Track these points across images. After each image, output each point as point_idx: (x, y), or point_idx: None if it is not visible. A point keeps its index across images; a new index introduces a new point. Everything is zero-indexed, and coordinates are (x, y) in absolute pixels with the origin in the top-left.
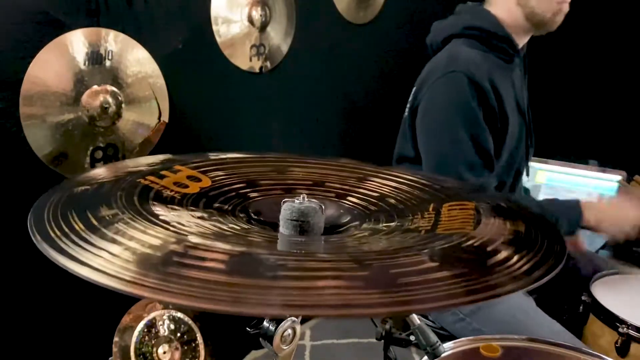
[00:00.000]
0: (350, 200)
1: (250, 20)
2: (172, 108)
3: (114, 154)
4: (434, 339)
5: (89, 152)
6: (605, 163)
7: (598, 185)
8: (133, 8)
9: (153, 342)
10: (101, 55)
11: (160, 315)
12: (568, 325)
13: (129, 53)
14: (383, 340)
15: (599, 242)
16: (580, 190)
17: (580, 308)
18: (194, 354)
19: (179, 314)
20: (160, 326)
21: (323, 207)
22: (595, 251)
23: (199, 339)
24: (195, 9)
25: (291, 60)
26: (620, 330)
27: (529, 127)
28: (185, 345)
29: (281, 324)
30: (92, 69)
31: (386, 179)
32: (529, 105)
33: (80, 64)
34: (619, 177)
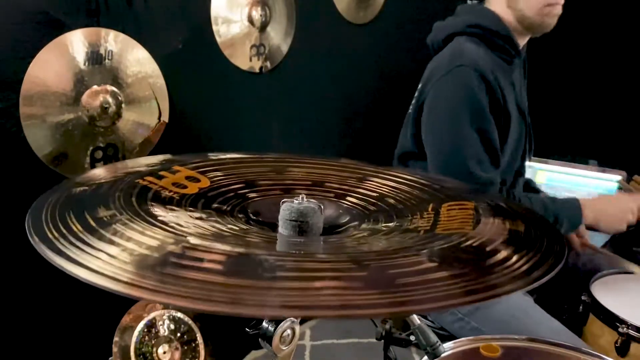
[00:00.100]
0: (350, 200)
1: (250, 20)
2: (172, 108)
3: (114, 154)
4: (434, 339)
5: (89, 152)
6: (605, 163)
7: (598, 185)
8: (133, 8)
9: (153, 342)
10: (101, 55)
11: (160, 315)
12: (568, 325)
13: (129, 53)
14: (383, 340)
15: (600, 240)
16: (580, 190)
17: (580, 308)
18: (194, 354)
19: (179, 314)
20: (160, 326)
21: (322, 208)
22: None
23: (199, 339)
24: (195, 9)
25: (291, 60)
26: (620, 330)
27: (528, 130)
28: (185, 345)
29: (280, 325)
30: (92, 69)
31: (386, 179)
32: (528, 108)
33: (80, 64)
34: (618, 177)
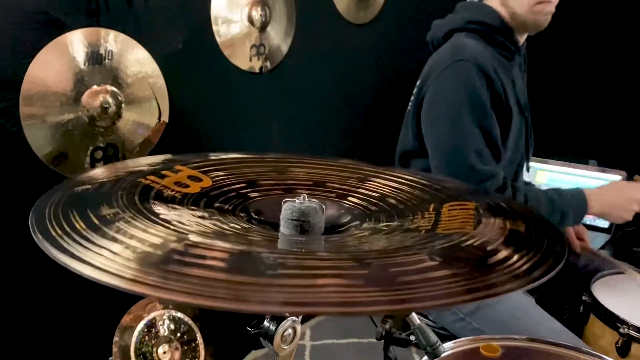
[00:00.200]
0: (351, 200)
1: (250, 20)
2: (172, 108)
3: (114, 154)
4: (434, 339)
5: (89, 152)
6: (605, 163)
7: (598, 185)
8: (133, 8)
9: (153, 342)
10: (101, 55)
11: (160, 315)
12: (568, 325)
13: (129, 53)
14: (383, 340)
15: (599, 242)
16: None
17: (581, 308)
18: (194, 354)
19: (179, 314)
20: (160, 326)
21: (324, 207)
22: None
23: (199, 339)
24: (195, 9)
25: (291, 60)
26: (621, 330)
27: (528, 127)
28: (185, 345)
29: (282, 324)
30: (92, 69)
31: (387, 180)
32: (528, 105)
33: (80, 64)
34: (619, 177)
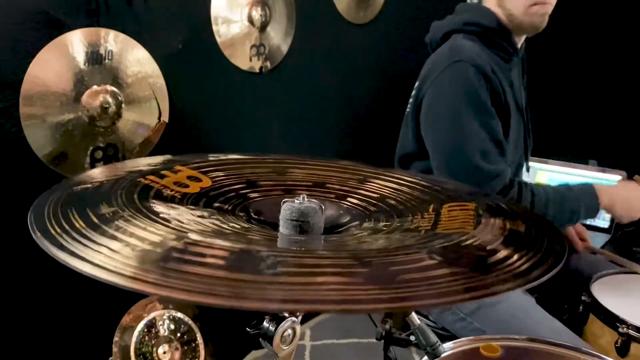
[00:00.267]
0: (351, 201)
1: (250, 20)
2: (172, 108)
3: (114, 154)
4: (434, 339)
5: (89, 152)
6: (605, 163)
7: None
8: (133, 8)
9: (153, 342)
10: (101, 55)
11: (160, 315)
12: (568, 325)
13: (129, 53)
14: (383, 340)
15: (599, 242)
16: None
17: (580, 308)
18: (194, 354)
19: (179, 314)
20: (160, 326)
21: (323, 207)
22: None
23: (199, 339)
24: (195, 9)
25: (291, 60)
26: (620, 330)
27: (527, 128)
28: (185, 345)
29: (281, 324)
30: (92, 69)
31: (387, 181)
32: (527, 107)
33: (80, 64)
34: (618, 177)
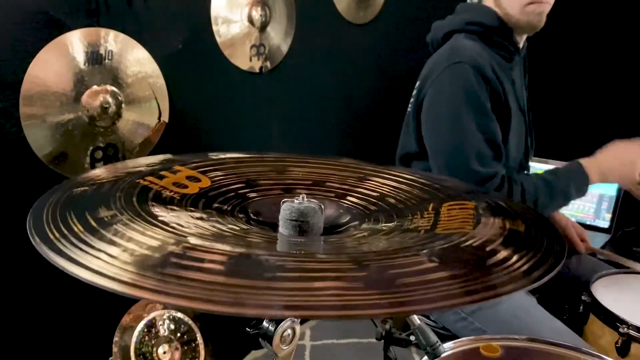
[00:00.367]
0: (350, 200)
1: (250, 20)
2: (172, 108)
3: (114, 154)
4: (434, 339)
5: (89, 152)
6: None
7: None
8: (133, 8)
9: (153, 342)
10: (101, 55)
11: (160, 315)
12: (568, 325)
13: (129, 53)
14: (383, 340)
15: (599, 242)
16: None
17: (581, 308)
18: (194, 354)
19: (179, 314)
20: (160, 326)
21: (322, 207)
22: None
23: (199, 339)
24: (195, 9)
25: (291, 60)
26: (621, 330)
27: (529, 127)
28: (185, 345)
29: (281, 324)
30: (92, 69)
31: (386, 179)
32: (528, 106)
33: (80, 64)
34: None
